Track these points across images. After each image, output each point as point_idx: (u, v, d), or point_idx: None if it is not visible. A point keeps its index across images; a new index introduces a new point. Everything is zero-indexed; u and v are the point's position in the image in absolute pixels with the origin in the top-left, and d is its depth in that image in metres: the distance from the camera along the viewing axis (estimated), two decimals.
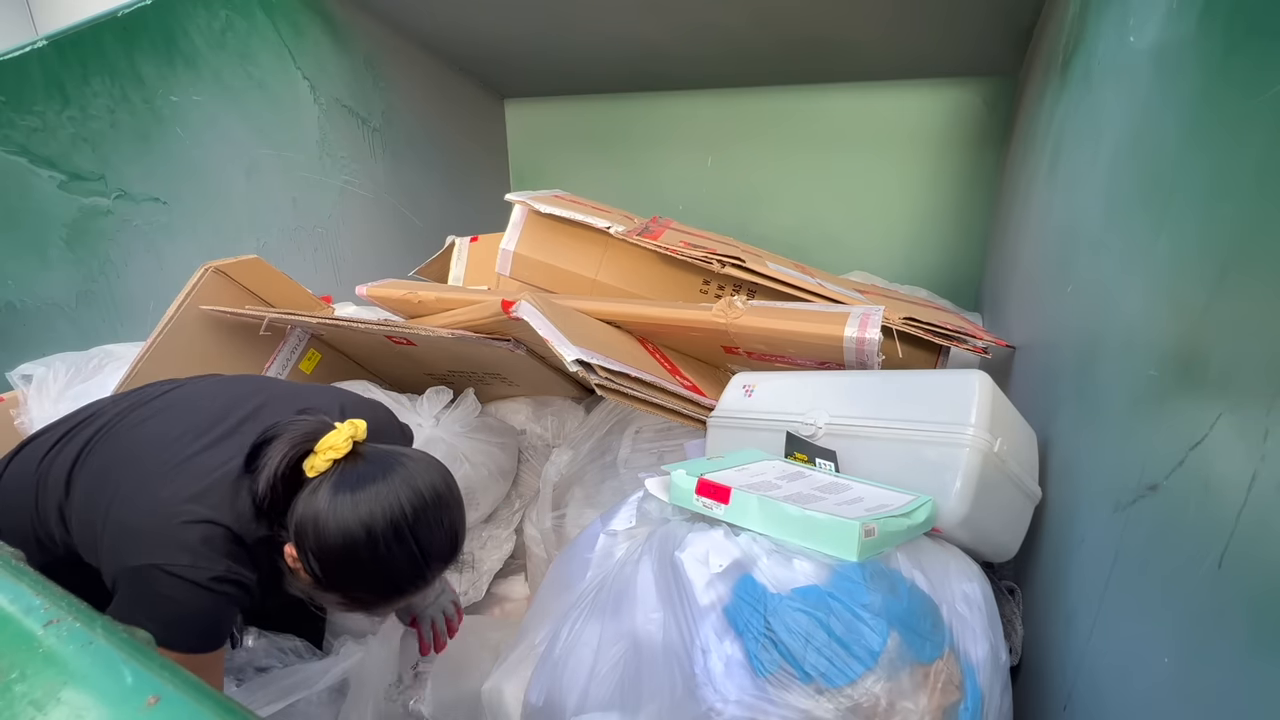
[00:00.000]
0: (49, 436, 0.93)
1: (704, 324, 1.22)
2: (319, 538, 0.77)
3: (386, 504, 0.77)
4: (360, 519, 0.76)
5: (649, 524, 0.86)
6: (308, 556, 0.78)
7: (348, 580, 0.79)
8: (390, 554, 0.78)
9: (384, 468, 0.80)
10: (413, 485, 0.80)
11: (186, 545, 0.78)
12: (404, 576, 0.81)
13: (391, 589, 0.82)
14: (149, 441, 0.88)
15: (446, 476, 0.86)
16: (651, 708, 0.68)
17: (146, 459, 0.85)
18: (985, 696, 0.70)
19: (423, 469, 0.83)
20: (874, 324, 1.09)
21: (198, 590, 0.77)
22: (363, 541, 0.76)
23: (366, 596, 0.81)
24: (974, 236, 2.14)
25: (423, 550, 0.80)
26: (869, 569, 0.70)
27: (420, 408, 1.44)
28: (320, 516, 0.77)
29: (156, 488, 0.82)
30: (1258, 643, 0.42)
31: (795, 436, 0.95)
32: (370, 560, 0.77)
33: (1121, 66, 0.86)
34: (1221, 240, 0.53)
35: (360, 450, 0.82)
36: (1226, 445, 0.48)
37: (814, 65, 2.12)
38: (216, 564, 0.78)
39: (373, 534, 0.76)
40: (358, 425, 0.82)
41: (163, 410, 0.93)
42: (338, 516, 0.76)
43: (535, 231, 1.62)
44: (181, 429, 0.88)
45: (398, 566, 0.79)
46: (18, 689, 0.38)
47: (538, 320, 1.07)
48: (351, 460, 0.81)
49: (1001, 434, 0.82)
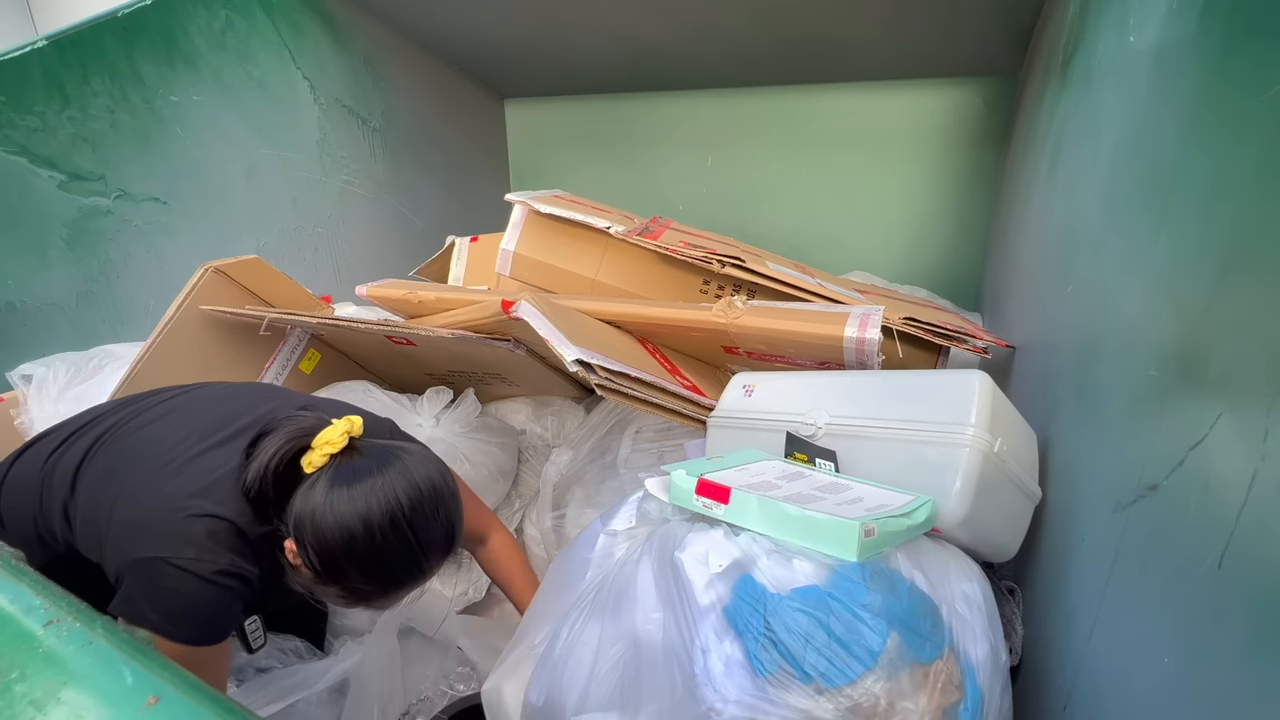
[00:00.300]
0: (55, 436, 0.93)
1: (704, 324, 1.22)
2: (317, 532, 0.78)
3: (383, 497, 0.78)
4: (357, 512, 0.77)
5: (649, 524, 0.86)
6: (307, 551, 0.79)
7: (346, 573, 0.80)
8: (388, 546, 0.79)
9: (380, 462, 0.81)
10: (409, 478, 0.81)
11: (191, 538, 0.78)
12: (402, 568, 0.82)
13: (390, 581, 0.83)
14: (154, 442, 0.88)
15: (443, 470, 0.87)
16: (651, 708, 0.68)
17: (151, 458, 0.86)
18: (985, 697, 0.70)
19: (419, 462, 0.84)
20: (874, 324, 1.09)
21: (201, 583, 0.77)
22: (360, 534, 0.77)
23: (365, 589, 0.82)
24: (974, 236, 2.14)
25: (420, 542, 0.81)
26: (869, 569, 0.70)
27: (420, 408, 1.44)
28: (317, 511, 0.78)
29: (161, 484, 0.82)
30: (1258, 643, 0.42)
31: (795, 436, 0.95)
32: (368, 553, 0.79)
33: (1121, 66, 0.86)
34: (1221, 240, 0.53)
35: (357, 445, 0.83)
36: (1226, 445, 0.48)
37: (814, 65, 2.12)
38: (220, 557, 0.79)
39: (370, 527, 0.78)
40: (354, 421, 0.83)
41: (169, 414, 0.93)
42: (335, 510, 0.77)
43: (535, 231, 1.62)
44: (186, 431, 0.89)
45: (395, 558, 0.81)
46: (18, 689, 0.38)
47: (538, 320, 1.07)
48: (348, 455, 0.82)
49: (1002, 434, 0.82)
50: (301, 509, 0.79)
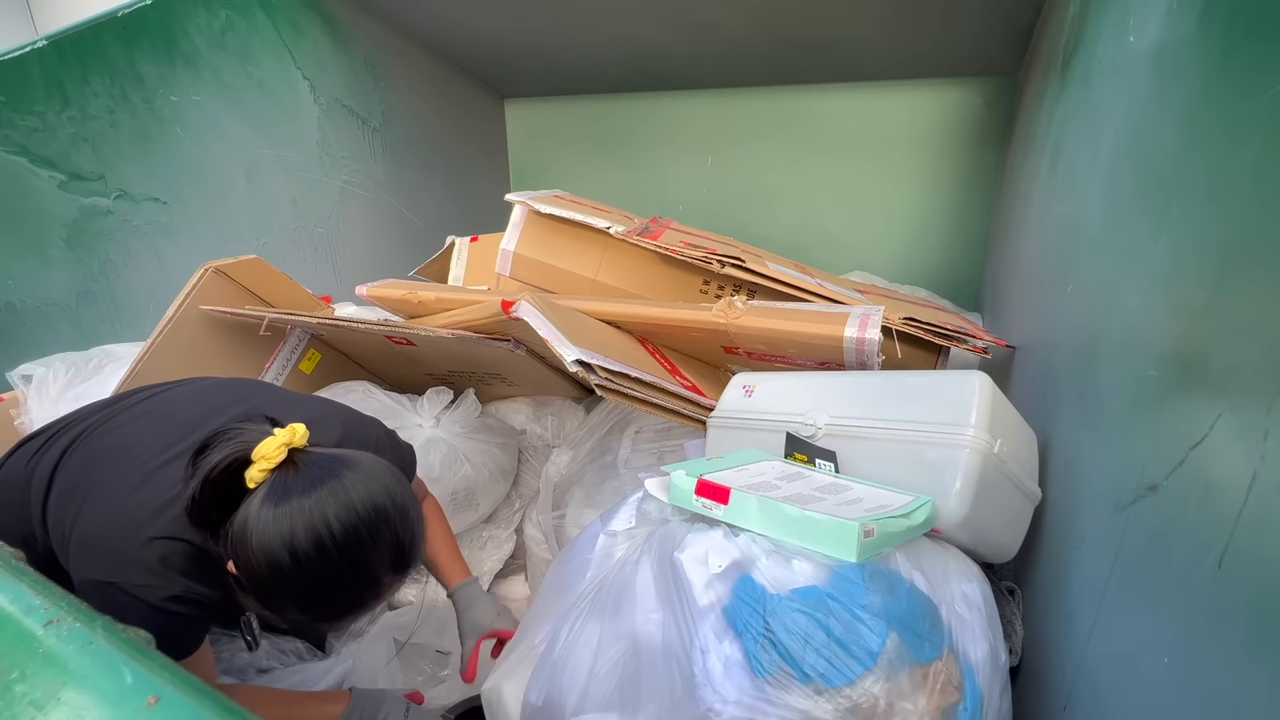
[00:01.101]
0: (40, 437, 0.92)
1: (704, 324, 1.22)
2: (244, 555, 0.71)
3: (309, 520, 0.70)
4: (282, 537, 0.70)
5: (649, 524, 0.86)
6: (240, 573, 0.73)
7: (278, 600, 0.73)
8: (317, 575, 0.71)
9: (315, 480, 0.73)
10: (343, 499, 0.72)
11: (142, 563, 0.75)
12: (338, 598, 0.75)
13: (327, 611, 0.76)
14: (124, 447, 0.86)
15: (391, 485, 0.77)
16: (651, 708, 0.68)
17: (118, 465, 0.83)
18: (984, 697, 0.70)
19: (361, 479, 0.75)
20: (874, 324, 1.09)
21: (151, 610, 0.75)
22: (286, 563, 0.70)
23: (301, 618, 0.75)
24: (974, 236, 2.14)
25: (357, 570, 0.73)
26: (868, 569, 0.70)
27: (420, 408, 1.44)
28: (246, 532, 0.71)
29: (123, 498, 0.79)
30: (1258, 643, 0.42)
31: (795, 437, 0.95)
32: (297, 582, 0.71)
33: (1121, 67, 0.86)
34: (1221, 240, 0.53)
35: (297, 459, 0.74)
36: (1226, 445, 0.48)
37: (814, 65, 2.12)
38: (172, 584, 0.75)
39: (295, 554, 0.70)
40: (296, 430, 0.75)
41: (140, 416, 0.91)
42: (260, 533, 0.70)
43: (535, 232, 1.62)
44: (156, 436, 0.86)
45: (329, 587, 0.73)
46: (18, 689, 0.38)
47: (538, 320, 1.07)
48: (287, 469, 0.73)
49: (1001, 435, 0.82)
50: (235, 529, 0.72)
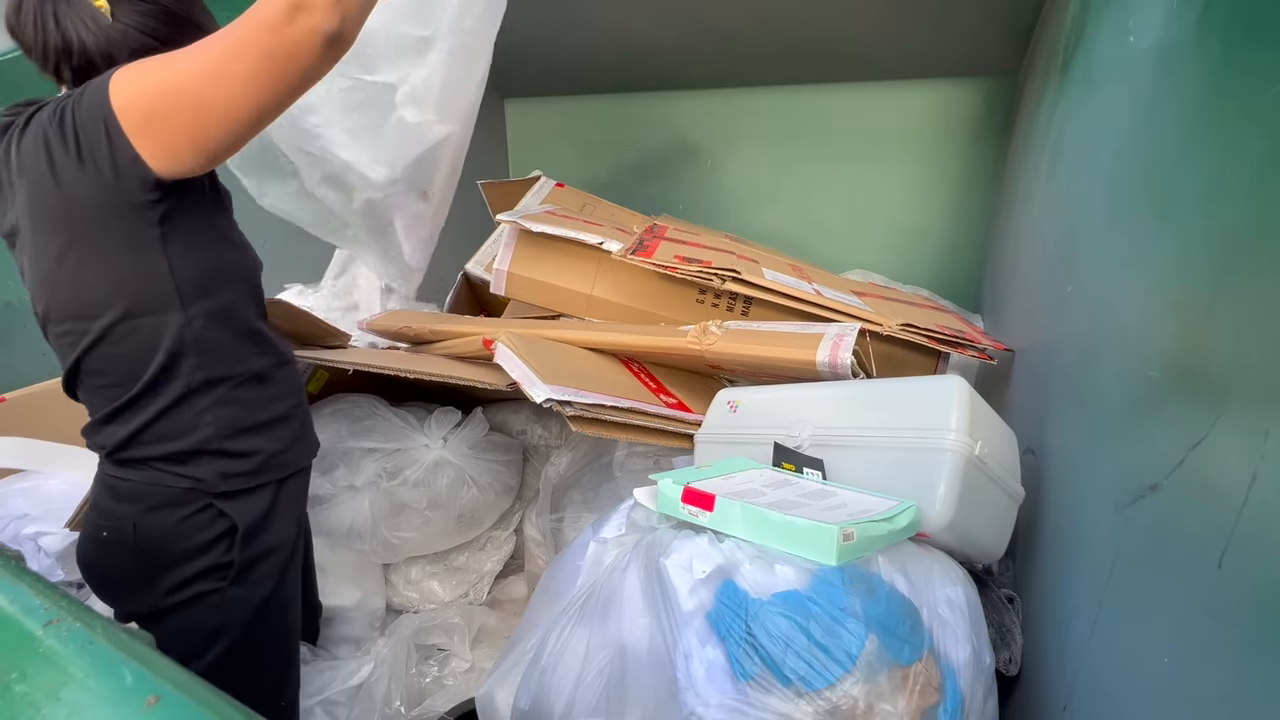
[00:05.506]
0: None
1: (681, 351, 1.24)
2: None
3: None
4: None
5: (638, 532, 0.86)
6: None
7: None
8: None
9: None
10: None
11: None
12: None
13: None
14: None
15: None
16: (635, 713, 0.69)
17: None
18: (966, 699, 0.70)
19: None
20: (846, 347, 1.08)
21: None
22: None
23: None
24: (974, 236, 2.14)
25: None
26: (848, 573, 0.70)
27: (429, 428, 1.47)
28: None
29: None
30: (1258, 643, 0.42)
31: (783, 447, 0.96)
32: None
33: (1121, 66, 0.86)
34: (1222, 241, 0.53)
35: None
36: (1226, 445, 0.48)
37: (814, 65, 2.12)
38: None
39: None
40: None
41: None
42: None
43: (527, 249, 1.60)
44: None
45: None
46: (18, 689, 0.38)
47: (510, 362, 1.13)
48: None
49: (982, 437, 0.82)
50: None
